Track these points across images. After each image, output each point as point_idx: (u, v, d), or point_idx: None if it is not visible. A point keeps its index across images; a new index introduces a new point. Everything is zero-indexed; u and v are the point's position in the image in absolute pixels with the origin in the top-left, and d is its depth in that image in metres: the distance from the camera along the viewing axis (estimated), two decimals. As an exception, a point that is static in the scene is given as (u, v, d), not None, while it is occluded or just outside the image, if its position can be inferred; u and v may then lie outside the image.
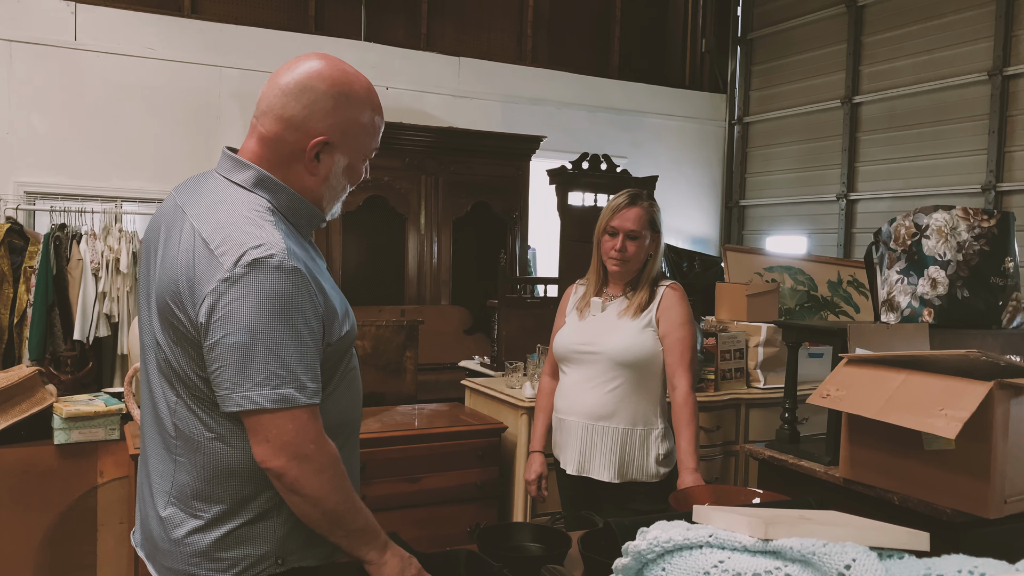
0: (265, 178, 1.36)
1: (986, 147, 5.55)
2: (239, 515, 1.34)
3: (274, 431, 1.25)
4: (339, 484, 1.32)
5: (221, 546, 1.34)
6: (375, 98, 1.43)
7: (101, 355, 4.72)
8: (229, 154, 1.40)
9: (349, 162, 1.42)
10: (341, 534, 1.34)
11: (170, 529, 1.36)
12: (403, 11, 6.39)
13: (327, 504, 1.30)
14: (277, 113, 1.36)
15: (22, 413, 2.60)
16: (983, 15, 5.59)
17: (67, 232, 4.59)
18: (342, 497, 1.32)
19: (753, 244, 7.32)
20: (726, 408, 3.45)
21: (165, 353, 1.34)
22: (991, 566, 1.05)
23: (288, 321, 1.25)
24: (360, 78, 1.42)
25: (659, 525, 1.22)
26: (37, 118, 5.16)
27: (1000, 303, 2.48)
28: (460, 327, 5.35)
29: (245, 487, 1.34)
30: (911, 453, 1.85)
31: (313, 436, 1.28)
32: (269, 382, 1.24)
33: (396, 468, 2.92)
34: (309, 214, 1.42)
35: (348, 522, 1.34)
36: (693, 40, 7.70)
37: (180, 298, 1.28)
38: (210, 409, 1.32)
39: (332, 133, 1.37)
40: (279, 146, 1.37)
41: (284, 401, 1.25)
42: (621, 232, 2.39)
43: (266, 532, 1.35)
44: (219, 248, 1.26)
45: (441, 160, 5.45)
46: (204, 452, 1.34)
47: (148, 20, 5.45)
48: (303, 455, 1.27)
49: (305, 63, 1.38)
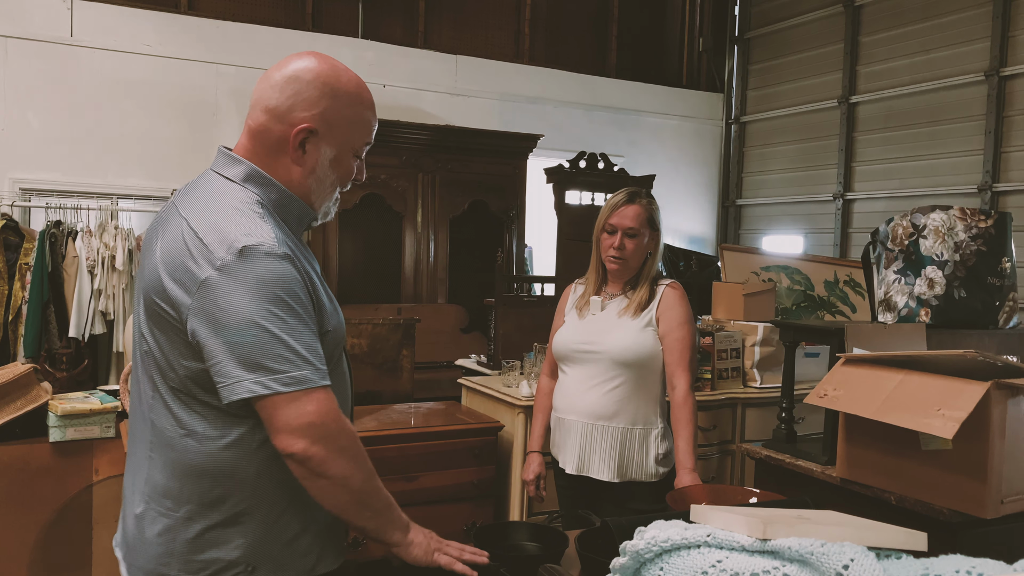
0: (255, 173, 1.36)
1: (983, 147, 5.56)
2: (208, 517, 1.31)
3: (293, 414, 1.23)
4: (363, 463, 1.32)
5: (192, 548, 1.31)
6: (366, 94, 1.43)
7: (96, 352, 4.71)
8: (223, 151, 1.41)
9: (336, 155, 1.41)
10: (369, 515, 1.34)
11: (143, 527, 1.35)
12: (401, 9, 6.38)
13: (354, 482, 1.30)
14: (263, 105, 1.37)
15: (17, 411, 2.59)
16: (980, 15, 5.60)
17: (63, 229, 4.57)
18: (367, 475, 1.32)
19: (750, 243, 7.32)
20: (723, 407, 3.45)
21: (148, 344, 1.34)
22: (989, 566, 1.05)
23: (286, 304, 1.25)
24: (350, 74, 1.41)
25: (657, 524, 1.21)
26: (33, 114, 5.14)
27: (997, 303, 2.48)
28: (457, 326, 5.35)
29: (214, 488, 1.31)
30: (908, 453, 1.85)
31: (334, 415, 1.28)
32: (280, 366, 1.23)
33: (392, 466, 2.92)
34: (299, 211, 1.41)
35: (375, 501, 1.34)
36: (690, 39, 7.70)
37: (168, 289, 1.27)
38: (185, 404, 1.31)
39: (317, 122, 1.37)
40: (265, 137, 1.37)
41: (299, 383, 1.24)
42: (619, 230, 2.39)
43: (236, 538, 1.32)
44: (208, 238, 1.26)
45: (438, 158, 5.44)
46: (175, 449, 1.32)
47: (145, 16, 5.43)
48: (326, 435, 1.26)
49: (296, 59, 1.39)
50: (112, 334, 4.67)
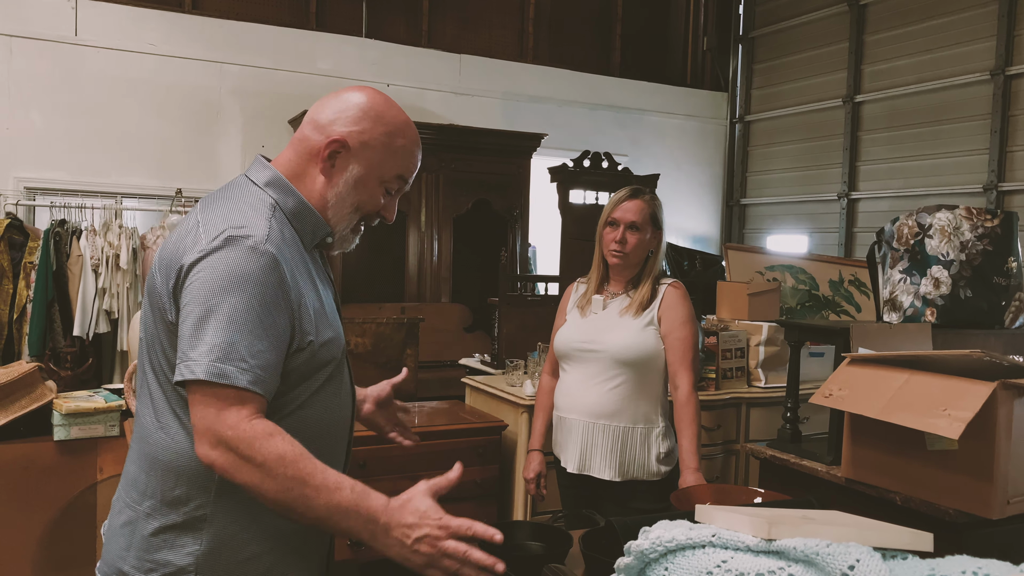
0: (278, 179, 1.39)
1: (988, 147, 5.55)
2: (167, 516, 1.30)
3: (202, 410, 1.20)
4: (275, 468, 1.19)
5: (147, 545, 1.30)
6: (412, 131, 1.44)
7: (101, 351, 4.72)
8: (259, 158, 1.45)
9: (363, 176, 1.40)
10: (309, 521, 1.23)
11: (114, 516, 1.37)
12: (404, 8, 6.38)
13: (267, 492, 1.20)
14: (310, 118, 1.42)
15: (22, 409, 2.60)
16: (985, 14, 5.58)
17: (67, 228, 4.58)
18: (286, 483, 1.19)
19: (754, 243, 7.31)
20: (727, 407, 3.44)
21: (148, 334, 1.35)
22: (995, 567, 1.05)
23: (245, 299, 1.22)
24: (400, 111, 1.44)
25: (662, 524, 1.21)
26: (37, 114, 5.15)
27: (1003, 303, 2.47)
28: (460, 325, 5.35)
29: (177, 486, 1.29)
30: (913, 453, 1.84)
31: (232, 422, 1.19)
32: (212, 353, 1.20)
33: (395, 466, 2.92)
34: (314, 223, 1.40)
35: (303, 509, 1.21)
36: (694, 38, 7.69)
37: (161, 272, 1.31)
38: (166, 397, 1.31)
39: (352, 139, 1.38)
40: (303, 146, 1.41)
41: (221, 376, 1.19)
42: (622, 224, 2.40)
43: (190, 544, 1.29)
44: (205, 227, 1.28)
45: (442, 158, 5.44)
46: (149, 441, 1.33)
47: (149, 16, 5.44)
48: (224, 442, 1.19)
49: (356, 90, 1.43)
50: (116, 333, 4.68)
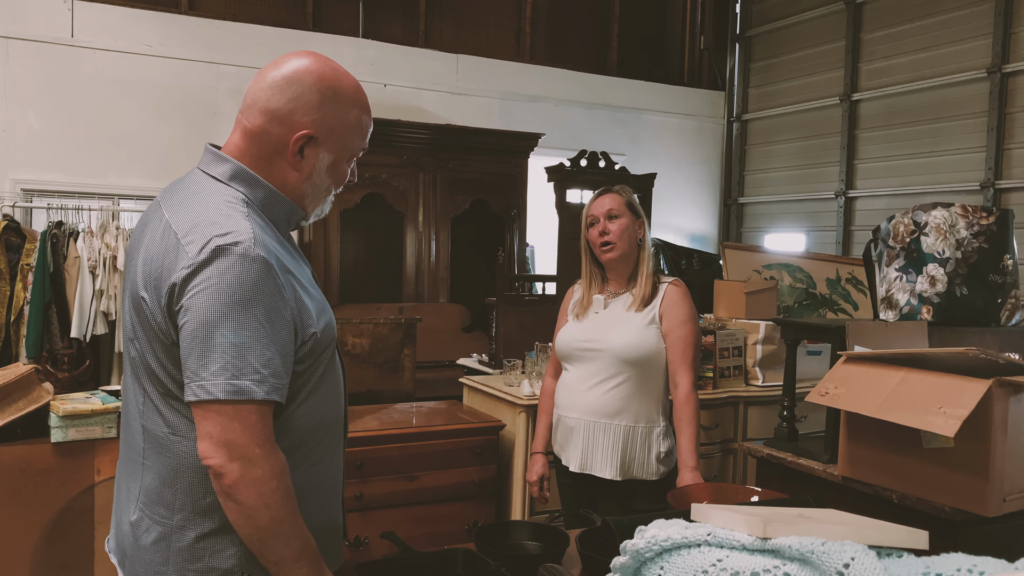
0: (242, 171, 1.34)
1: (985, 144, 5.55)
2: (201, 525, 1.29)
3: (221, 425, 1.19)
4: (280, 500, 1.22)
5: (187, 556, 1.29)
6: (363, 97, 1.41)
7: (98, 353, 4.71)
8: (210, 149, 1.39)
9: (334, 160, 1.40)
10: (270, 559, 1.23)
11: (138, 535, 1.33)
12: (401, 8, 6.38)
13: (261, 518, 1.21)
14: (262, 106, 1.34)
15: (19, 411, 2.59)
16: (982, 12, 5.59)
17: (64, 229, 4.57)
18: (281, 516, 1.22)
19: (752, 241, 7.32)
20: (724, 406, 3.44)
21: (139, 346, 1.32)
22: (990, 564, 1.05)
23: (248, 310, 1.21)
24: (349, 77, 1.40)
25: (657, 523, 1.21)
26: (34, 115, 5.15)
27: (999, 301, 2.47)
28: (458, 325, 5.35)
29: (207, 494, 1.27)
30: (910, 451, 1.84)
31: (261, 439, 1.20)
32: (225, 372, 1.19)
33: (394, 466, 2.92)
34: (287, 210, 1.39)
35: (279, 546, 1.22)
36: (692, 37, 7.69)
37: (149, 289, 1.27)
38: (174, 407, 1.29)
39: (317, 128, 1.35)
40: (263, 139, 1.35)
41: (239, 393, 1.19)
42: (601, 217, 2.43)
43: (230, 547, 1.28)
44: (186, 237, 1.24)
45: (439, 157, 5.44)
46: (166, 453, 1.30)
47: (145, 17, 5.44)
48: (247, 457, 1.19)
49: (293, 59, 1.36)
50: (114, 334, 4.67)
